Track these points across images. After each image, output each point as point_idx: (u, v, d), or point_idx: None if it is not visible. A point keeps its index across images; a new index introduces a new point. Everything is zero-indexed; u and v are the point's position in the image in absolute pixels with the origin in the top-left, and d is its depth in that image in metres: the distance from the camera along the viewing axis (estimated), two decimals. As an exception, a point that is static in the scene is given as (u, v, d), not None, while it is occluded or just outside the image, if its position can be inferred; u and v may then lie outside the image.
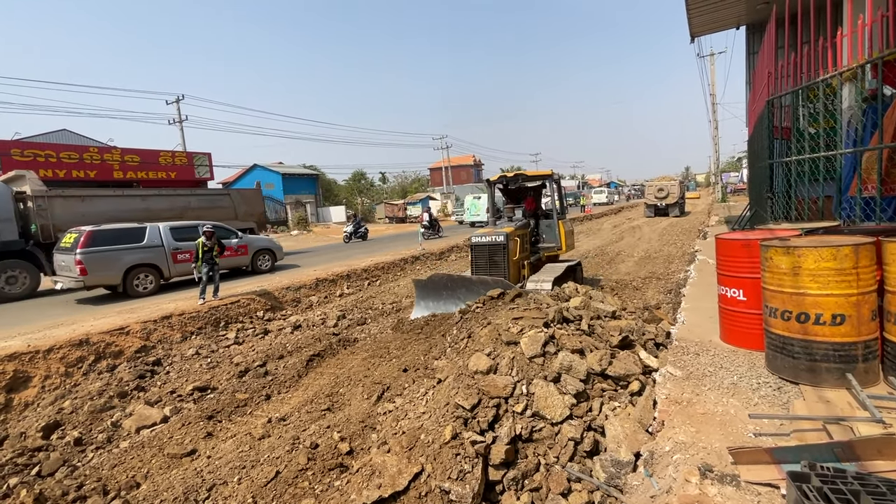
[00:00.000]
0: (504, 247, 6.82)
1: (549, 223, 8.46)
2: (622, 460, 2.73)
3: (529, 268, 7.41)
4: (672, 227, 20.69)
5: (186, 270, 10.15)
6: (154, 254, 10.05)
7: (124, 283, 9.66)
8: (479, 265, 7.10)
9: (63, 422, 4.85)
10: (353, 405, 4.62)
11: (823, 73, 3.90)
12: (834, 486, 1.38)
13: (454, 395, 3.56)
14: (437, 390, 3.93)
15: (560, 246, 8.14)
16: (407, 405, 4.03)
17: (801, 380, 2.71)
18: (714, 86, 25.96)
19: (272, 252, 12.69)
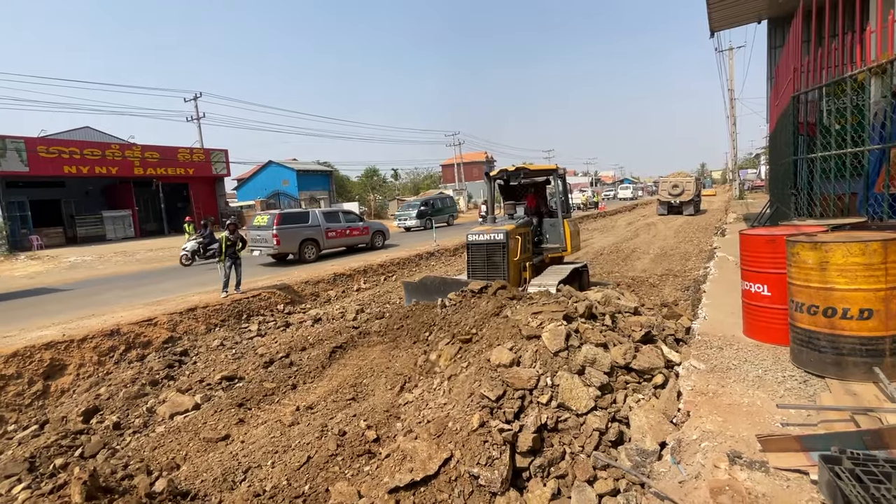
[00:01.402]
0: (504, 246, 6.30)
1: (554, 222, 7.88)
2: (647, 449, 2.80)
3: (532, 270, 6.91)
4: (688, 225, 20.49)
5: (333, 245, 14.11)
6: (315, 231, 13.45)
7: (299, 252, 12.96)
8: (476, 266, 6.55)
9: (101, 407, 5.07)
10: (376, 395, 4.74)
11: (851, 69, 3.88)
12: (865, 467, 1.44)
13: (478, 387, 3.65)
14: (452, 382, 4.01)
15: (565, 247, 7.59)
16: (426, 395, 4.13)
17: (827, 373, 2.74)
18: (733, 81, 25.57)
19: (383, 233, 16.23)
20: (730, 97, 25.91)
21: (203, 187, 28.98)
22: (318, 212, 14.10)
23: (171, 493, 2.95)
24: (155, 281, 11.53)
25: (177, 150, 27.07)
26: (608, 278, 10.26)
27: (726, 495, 1.80)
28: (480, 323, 4.80)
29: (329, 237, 13.82)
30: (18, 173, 20.71)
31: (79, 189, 26.14)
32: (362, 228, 15.22)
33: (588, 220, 26.45)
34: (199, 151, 28.47)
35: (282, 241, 12.42)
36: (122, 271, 14.13)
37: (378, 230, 15.99)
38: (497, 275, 6.26)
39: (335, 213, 14.83)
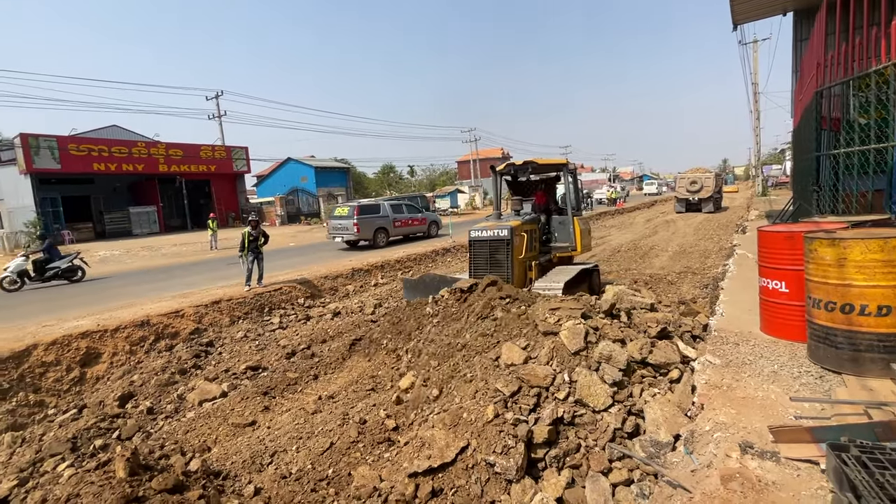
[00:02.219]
0: (508, 243, 5.98)
1: (563, 220, 7.47)
2: (662, 441, 2.86)
3: (538, 269, 6.59)
4: (708, 222, 20.13)
5: (399, 233, 16.02)
6: (385, 221, 15.48)
7: (373, 238, 14.99)
8: (478, 264, 6.23)
9: (135, 393, 5.34)
10: (391, 388, 4.88)
11: (875, 63, 3.82)
12: (872, 455, 1.49)
13: (494, 382, 3.72)
14: (462, 378, 4.04)
15: (574, 246, 7.21)
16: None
17: (843, 369, 2.76)
18: (757, 74, 24.93)
19: (437, 223, 18.29)
20: (753, 91, 25.27)
21: (224, 184, 29.65)
22: (387, 204, 16.20)
23: (205, 473, 3.13)
24: (180, 275, 11.92)
25: (199, 147, 27.75)
26: (625, 276, 10.20)
27: (736, 482, 1.87)
28: (463, 336, 4.47)
29: (395, 226, 15.94)
30: (51, 170, 21.55)
31: (107, 186, 27.03)
32: (421, 219, 17.28)
33: (606, 217, 26.19)
34: (220, 149, 29.13)
35: (361, 229, 14.65)
36: (148, 265, 14.62)
37: (433, 221, 18.13)
38: (500, 274, 5.94)
39: (399, 206, 16.80)
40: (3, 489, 3.53)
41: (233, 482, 3.23)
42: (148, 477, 2.75)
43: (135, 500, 2.50)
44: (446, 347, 4.42)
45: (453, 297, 5.32)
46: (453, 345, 4.40)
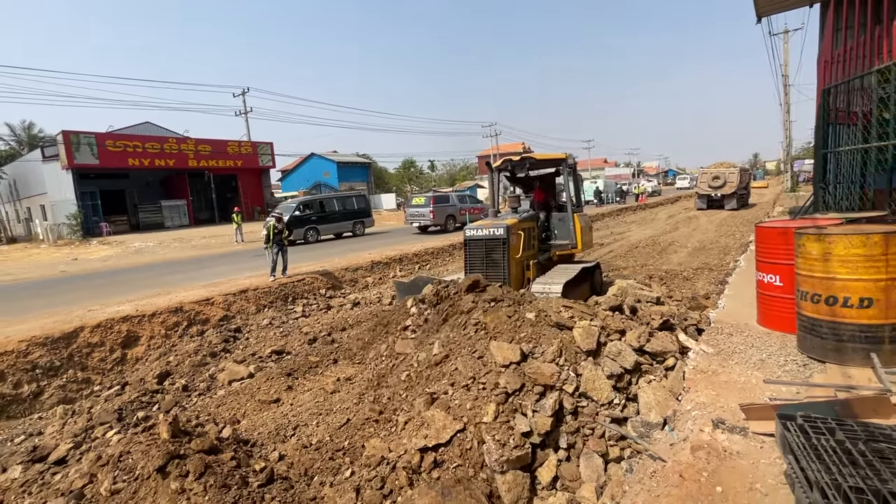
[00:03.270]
0: (504, 241, 5.75)
1: (563, 217, 7.29)
2: (651, 422, 3.06)
3: (536, 269, 6.40)
4: (732, 218, 19.76)
5: (464, 220, 17.53)
6: (454, 209, 18.60)
7: (444, 224, 17.91)
8: (473, 264, 6.01)
9: (172, 372, 5.82)
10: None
11: (878, 63, 3.85)
12: (814, 424, 1.69)
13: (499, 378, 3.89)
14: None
15: (575, 244, 7.01)
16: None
17: (827, 359, 2.90)
18: (787, 66, 24.11)
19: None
20: (783, 83, 24.47)
21: (250, 178, 30.58)
22: (455, 195, 19.74)
23: (235, 440, 3.50)
24: (209, 265, 12.54)
25: (226, 143, 28.69)
26: (641, 271, 10.26)
27: (703, 451, 2.08)
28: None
29: (461, 214, 18.75)
30: (90, 166, 22.72)
31: (140, 180, 28.27)
32: (480, 208, 19.94)
33: (627, 213, 25.93)
34: (246, 144, 30.03)
35: (436, 215, 17.72)
36: (180, 256, 15.38)
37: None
38: (496, 274, 5.76)
39: (464, 196, 20.38)
40: (62, 450, 3.99)
41: (259, 449, 3.59)
42: (187, 440, 3.12)
43: (177, 457, 2.87)
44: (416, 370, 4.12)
45: (429, 302, 5.14)
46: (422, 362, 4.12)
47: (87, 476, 2.97)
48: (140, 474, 2.80)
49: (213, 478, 2.82)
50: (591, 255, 12.36)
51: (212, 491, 2.73)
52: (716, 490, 1.82)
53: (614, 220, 22.84)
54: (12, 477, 3.74)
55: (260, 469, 3.13)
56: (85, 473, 3.03)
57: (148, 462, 2.83)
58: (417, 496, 2.71)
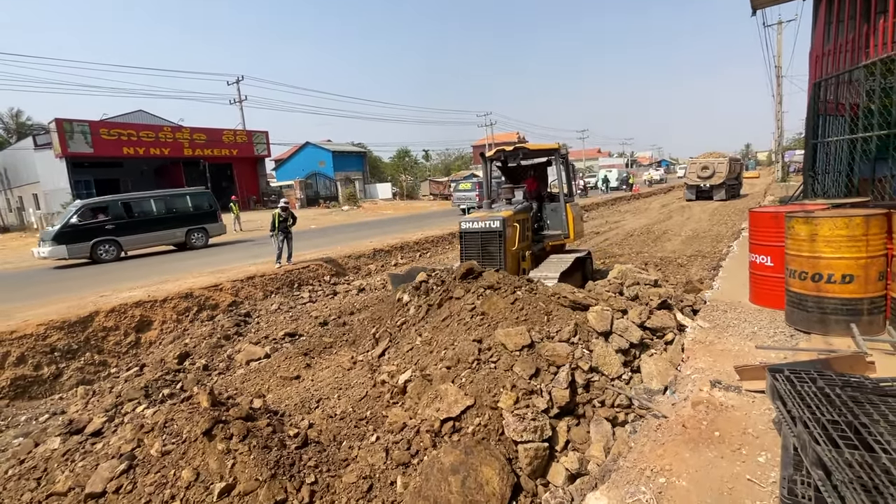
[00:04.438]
0: (500, 234, 5.75)
1: (555, 207, 7.35)
2: (653, 389, 3.36)
3: (531, 259, 6.43)
4: (725, 207, 20.18)
5: None
6: (494, 194, 20.59)
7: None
8: (469, 257, 5.96)
9: (191, 353, 6.04)
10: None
11: (865, 58, 4.11)
12: (799, 375, 1.97)
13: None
14: None
15: (567, 233, 7.07)
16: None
17: (812, 330, 3.20)
18: (780, 57, 24.43)
19: None
20: (776, 74, 24.81)
21: (246, 167, 30.45)
22: (495, 182, 23.68)
23: (266, 410, 3.74)
24: (213, 253, 12.68)
25: (222, 132, 28.51)
26: (636, 258, 10.57)
27: (703, 405, 2.36)
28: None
29: None
30: (84, 154, 22.53)
31: (135, 169, 28.06)
32: None
33: (620, 203, 26.29)
34: (241, 133, 29.85)
35: (481, 198, 19.17)
36: (180, 245, 15.44)
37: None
38: (493, 266, 5.68)
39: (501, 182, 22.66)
40: (97, 423, 4.22)
41: (289, 419, 3.83)
42: (225, 409, 3.36)
43: (220, 422, 3.12)
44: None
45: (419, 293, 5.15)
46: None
47: (134, 441, 3.21)
48: (187, 437, 3.05)
49: (254, 440, 3.07)
50: (587, 244, 12.67)
51: (255, 451, 2.98)
52: (714, 434, 2.10)
53: (609, 210, 23.19)
54: (52, 448, 3.96)
55: (294, 434, 3.38)
56: (130, 439, 3.26)
57: (194, 427, 3.08)
58: (443, 454, 2.98)
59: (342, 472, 3.10)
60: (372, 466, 3.13)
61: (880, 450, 1.52)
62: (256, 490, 2.82)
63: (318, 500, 2.89)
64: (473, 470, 2.86)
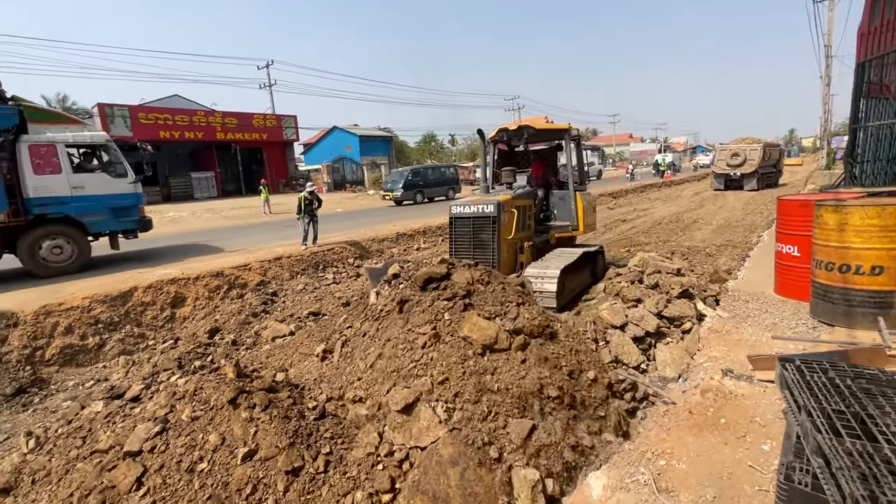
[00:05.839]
0: (494, 220, 5.11)
1: (564, 195, 6.59)
2: (667, 376, 3.35)
3: (532, 252, 5.75)
4: (762, 196, 19.32)
5: None
6: None
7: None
8: (459, 246, 5.43)
9: (221, 328, 6.35)
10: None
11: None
12: (809, 365, 1.95)
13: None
14: None
15: (576, 225, 6.35)
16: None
17: (837, 322, 3.11)
18: (830, 36, 22.80)
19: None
20: (825, 55, 23.22)
21: (275, 151, 31.09)
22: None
23: (288, 384, 3.93)
24: (242, 234, 13.13)
25: (252, 116, 29.12)
26: (663, 247, 10.32)
27: (712, 393, 2.36)
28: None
29: None
30: (124, 138, 23.45)
31: (171, 152, 29.06)
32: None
33: (651, 190, 25.55)
34: (271, 117, 30.42)
35: None
36: (212, 226, 16.07)
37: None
38: (485, 257, 5.16)
39: None
40: (135, 390, 4.52)
41: (308, 392, 4.02)
42: (249, 380, 3.56)
43: (245, 392, 3.31)
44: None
45: None
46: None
47: (168, 406, 3.44)
48: (214, 405, 3.25)
49: (276, 410, 3.25)
50: (612, 232, 12.44)
51: (276, 421, 3.16)
52: (720, 421, 2.10)
53: (637, 197, 22.59)
54: (95, 410, 4.28)
55: (312, 407, 3.55)
56: (164, 405, 3.51)
57: (220, 395, 3.28)
58: (441, 446, 2.84)
59: (354, 445, 3.23)
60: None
61: (883, 440, 1.50)
62: (276, 456, 3.00)
63: (332, 469, 3.04)
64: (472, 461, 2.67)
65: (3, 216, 7.56)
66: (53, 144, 8.10)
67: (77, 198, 8.35)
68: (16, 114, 7.79)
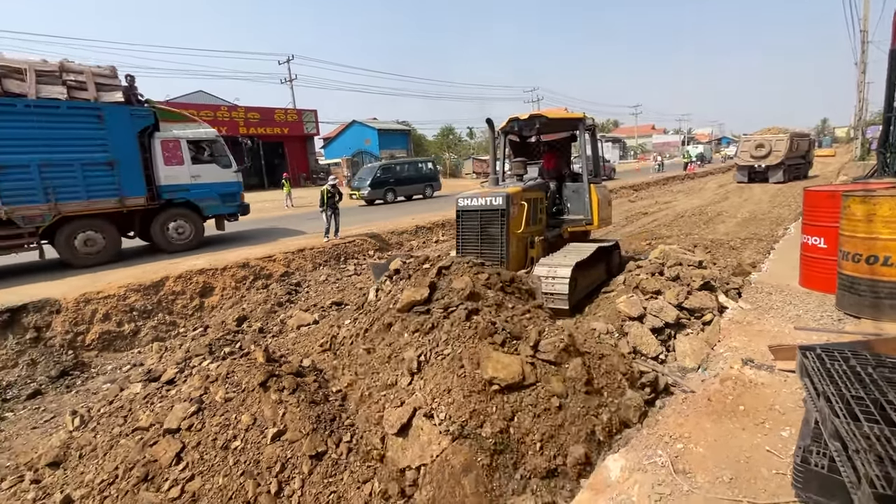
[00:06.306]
0: (503, 213, 4.90)
1: (577, 188, 6.33)
2: (687, 367, 3.37)
3: (543, 247, 5.54)
4: (790, 189, 18.74)
5: None
6: None
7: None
8: (466, 240, 5.21)
9: (248, 317, 6.58)
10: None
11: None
12: (830, 354, 1.96)
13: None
14: None
15: (590, 219, 6.09)
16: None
17: (863, 315, 3.07)
18: (867, 20, 21.77)
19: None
20: (861, 40, 22.20)
21: (296, 146, 31.56)
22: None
23: (314, 369, 4.09)
24: (267, 226, 13.46)
25: (273, 111, 29.59)
26: (685, 241, 10.16)
27: (731, 381, 2.38)
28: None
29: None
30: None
31: (196, 147, 29.80)
32: (606, 167, 23.44)
33: (673, 182, 25.04)
34: (292, 112, 30.84)
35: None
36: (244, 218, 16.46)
37: (612, 168, 28.38)
38: (493, 251, 4.97)
39: None
40: (170, 373, 4.76)
41: (333, 376, 4.17)
42: (278, 365, 3.72)
43: (274, 375, 3.47)
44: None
45: None
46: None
47: (202, 388, 3.64)
48: (246, 387, 3.42)
49: (302, 394, 3.40)
50: (633, 225, 12.29)
51: (303, 404, 3.31)
52: (738, 408, 2.13)
53: (660, 190, 22.18)
54: (134, 391, 4.53)
55: (336, 391, 3.70)
56: (199, 387, 3.70)
57: (252, 378, 3.45)
58: (451, 454, 2.69)
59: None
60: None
61: (903, 425, 1.52)
62: (301, 440, 3.15)
63: (353, 455, 3.17)
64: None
65: (142, 200, 8.91)
66: (178, 140, 9.49)
67: (195, 185, 9.76)
68: (152, 115, 9.06)
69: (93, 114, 8.25)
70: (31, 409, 5.06)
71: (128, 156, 8.67)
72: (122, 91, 8.64)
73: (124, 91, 8.67)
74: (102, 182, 8.41)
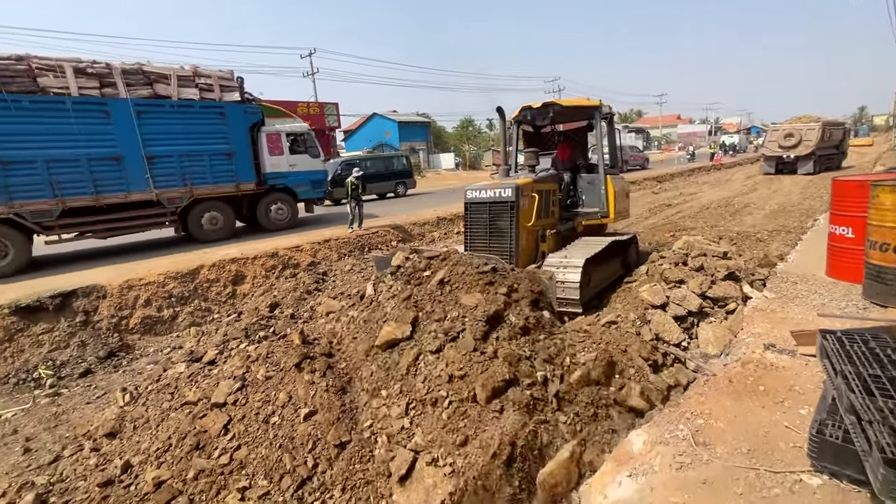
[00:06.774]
0: (513, 205, 4.66)
1: (592, 180, 6.05)
2: (709, 353, 3.44)
3: (555, 240, 5.29)
4: (822, 180, 18.12)
5: (631, 165, 25.87)
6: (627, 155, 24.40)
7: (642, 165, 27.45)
8: (475, 234, 5.01)
9: (280, 304, 6.88)
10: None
11: None
12: (850, 337, 2.03)
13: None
14: None
15: (606, 212, 5.84)
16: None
17: (890, 304, 3.08)
18: (910, 2, 20.62)
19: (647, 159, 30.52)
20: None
21: (318, 138, 31.98)
22: (627, 146, 25.68)
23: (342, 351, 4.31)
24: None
25: (296, 104, 30.03)
26: (710, 233, 10.03)
27: (752, 364, 2.46)
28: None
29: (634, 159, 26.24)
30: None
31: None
32: (638, 156, 27.23)
33: (699, 174, 24.50)
34: (314, 105, 31.27)
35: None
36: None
37: (646, 157, 30.12)
38: (502, 246, 4.78)
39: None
40: (210, 355, 5.06)
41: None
42: (312, 346, 3.95)
43: (308, 357, 3.69)
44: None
45: None
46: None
47: (244, 367, 3.89)
48: (283, 367, 3.66)
49: (331, 378, 3.61)
50: (656, 217, 12.16)
51: (330, 392, 3.51)
52: (758, 388, 2.22)
53: (685, 181, 21.75)
54: (178, 371, 4.84)
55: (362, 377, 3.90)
56: (240, 366, 3.96)
57: (288, 359, 3.68)
58: None
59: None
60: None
61: (917, 401, 1.60)
62: (328, 427, 3.31)
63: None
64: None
65: (252, 185, 10.37)
66: (279, 133, 10.88)
67: (292, 173, 11.17)
68: (260, 111, 10.48)
69: (218, 111, 9.66)
70: (83, 386, 5.45)
71: (242, 147, 10.06)
72: (238, 91, 9.89)
73: (238, 91, 9.93)
74: (224, 170, 9.84)
